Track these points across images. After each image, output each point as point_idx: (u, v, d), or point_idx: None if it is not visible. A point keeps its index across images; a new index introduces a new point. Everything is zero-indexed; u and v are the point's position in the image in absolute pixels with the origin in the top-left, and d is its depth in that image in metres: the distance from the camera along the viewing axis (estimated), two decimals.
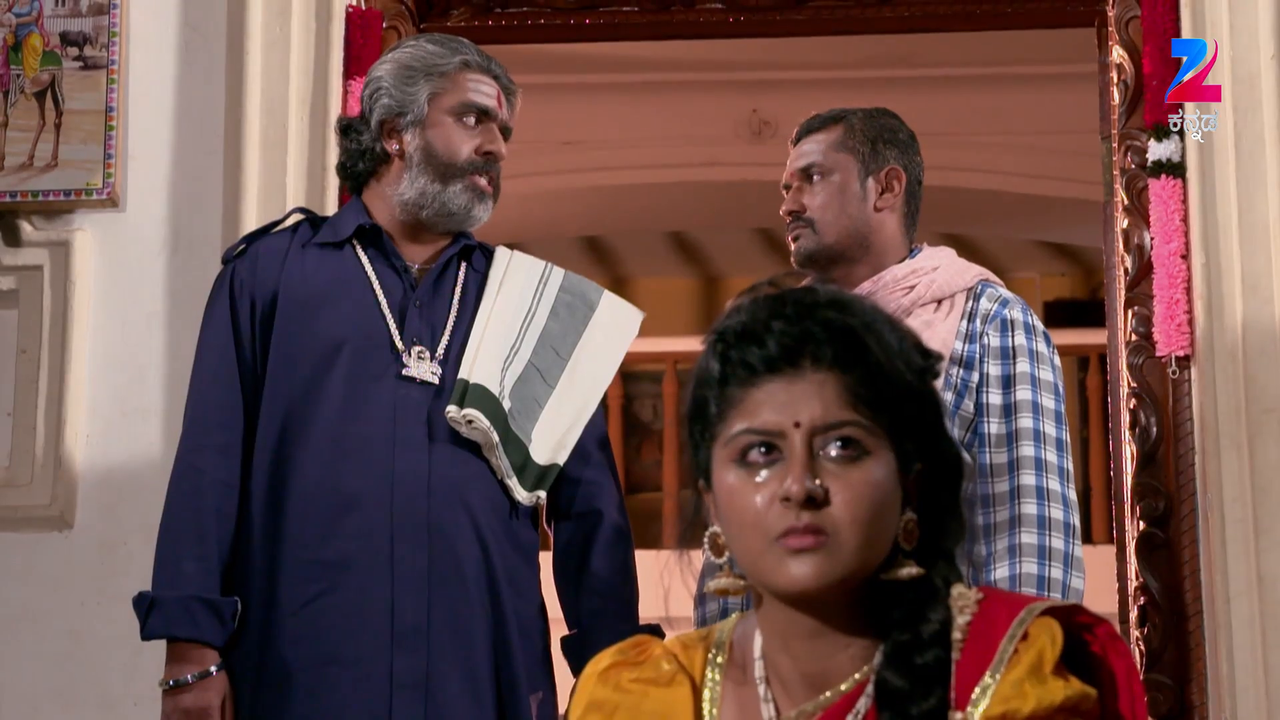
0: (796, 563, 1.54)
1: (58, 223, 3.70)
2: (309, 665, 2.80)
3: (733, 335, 1.60)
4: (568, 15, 3.94)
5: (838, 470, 1.55)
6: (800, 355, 1.57)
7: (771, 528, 1.55)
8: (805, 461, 1.55)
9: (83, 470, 3.61)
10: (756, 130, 7.58)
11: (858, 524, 1.54)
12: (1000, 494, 2.93)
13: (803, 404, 1.56)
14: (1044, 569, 2.88)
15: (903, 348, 1.61)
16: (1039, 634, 1.56)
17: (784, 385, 1.57)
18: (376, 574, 2.81)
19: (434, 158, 2.98)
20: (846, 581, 1.56)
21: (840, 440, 1.56)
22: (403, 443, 2.86)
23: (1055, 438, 2.96)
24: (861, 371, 1.57)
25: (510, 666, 2.85)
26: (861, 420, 1.56)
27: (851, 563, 1.55)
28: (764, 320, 1.59)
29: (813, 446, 1.56)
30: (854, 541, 1.54)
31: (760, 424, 1.56)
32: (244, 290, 2.95)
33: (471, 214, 3.01)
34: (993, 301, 3.06)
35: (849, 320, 1.59)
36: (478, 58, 3.04)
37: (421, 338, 2.94)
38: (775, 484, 1.55)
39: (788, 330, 1.58)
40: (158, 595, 2.82)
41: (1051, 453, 2.95)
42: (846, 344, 1.57)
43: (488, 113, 3.02)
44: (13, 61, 3.73)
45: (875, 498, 1.55)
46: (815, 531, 1.54)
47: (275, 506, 2.85)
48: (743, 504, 1.56)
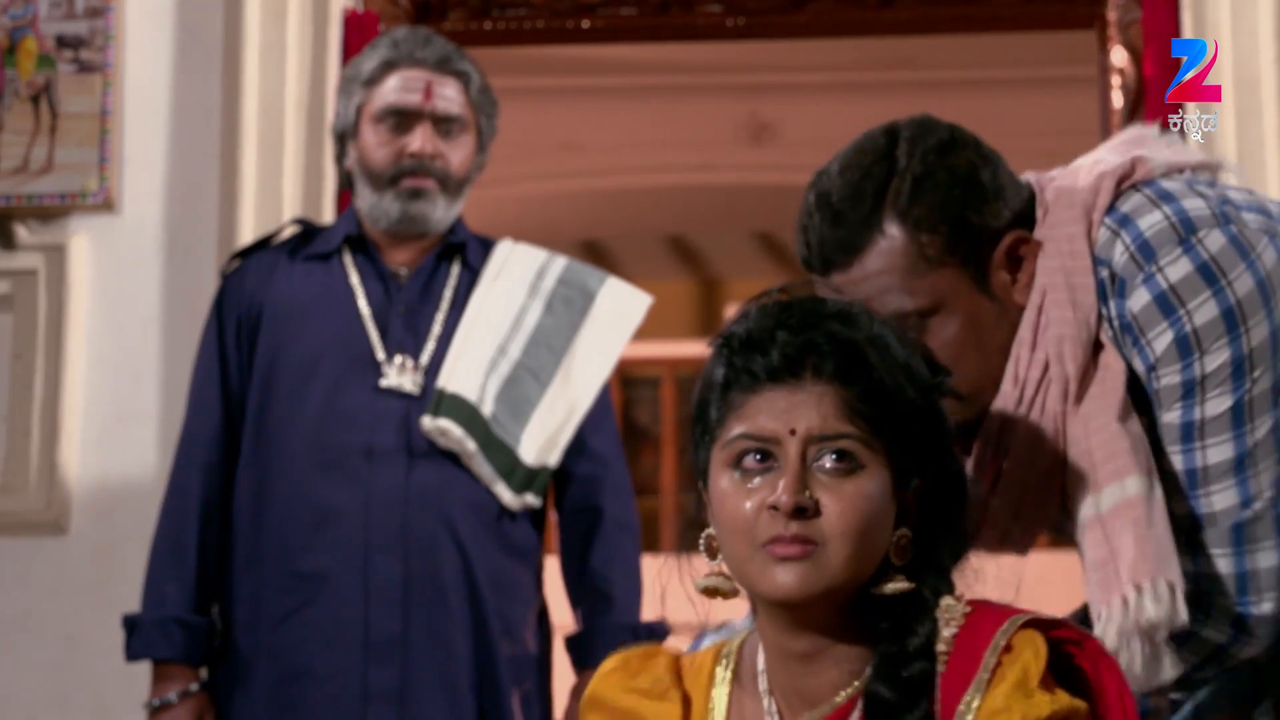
0: (782, 570, 1.55)
1: (53, 226, 3.68)
2: (284, 680, 2.85)
3: (738, 342, 1.61)
4: (565, 18, 3.93)
5: (831, 482, 1.56)
6: (802, 366, 1.58)
7: (759, 534, 1.56)
8: (798, 471, 1.55)
9: (78, 476, 3.60)
10: (755, 133, 7.57)
11: (847, 537, 1.55)
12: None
13: (801, 413, 1.57)
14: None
15: (909, 363, 1.61)
16: (1022, 646, 1.55)
17: (784, 394, 1.58)
18: (351, 587, 2.84)
19: (367, 169, 2.98)
20: (833, 593, 1.57)
21: (835, 452, 1.56)
22: (381, 455, 2.87)
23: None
24: (862, 386, 1.57)
25: (493, 670, 2.86)
26: (858, 434, 1.56)
27: (838, 575, 1.56)
28: (769, 329, 1.59)
29: (807, 457, 1.56)
30: (842, 554, 1.55)
31: (757, 430, 1.57)
32: (232, 308, 2.99)
33: (416, 218, 2.96)
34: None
35: (853, 334, 1.59)
36: (404, 50, 2.97)
37: (405, 346, 2.94)
38: (767, 491, 1.56)
39: (791, 340, 1.58)
40: (139, 617, 2.90)
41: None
42: (849, 358, 1.58)
43: (408, 111, 2.95)
44: (8, 64, 3.72)
45: (867, 511, 1.56)
46: (803, 541, 1.54)
47: (258, 522, 2.90)
48: (734, 508, 1.57)
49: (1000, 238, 1.87)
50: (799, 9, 3.92)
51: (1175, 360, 1.79)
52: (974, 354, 1.86)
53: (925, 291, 1.84)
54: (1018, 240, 1.88)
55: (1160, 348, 1.80)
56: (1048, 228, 1.89)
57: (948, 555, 1.63)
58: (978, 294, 1.86)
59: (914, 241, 1.84)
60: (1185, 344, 1.78)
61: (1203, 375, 1.78)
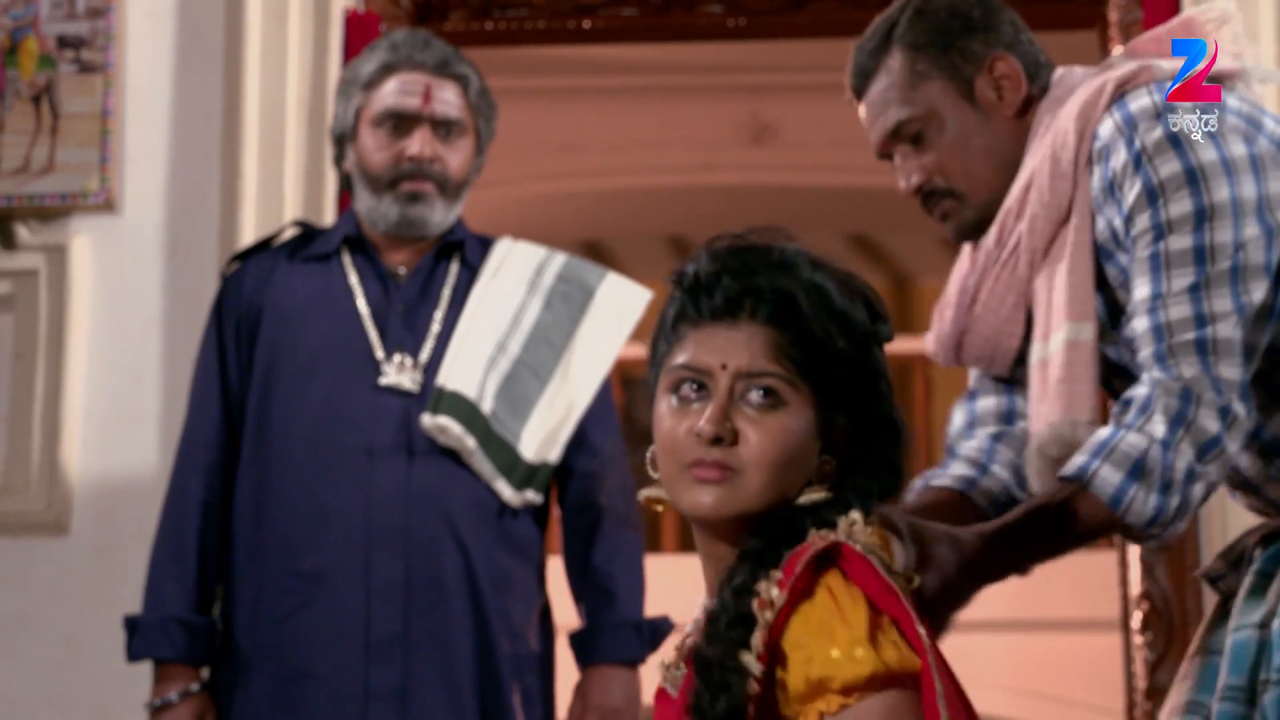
0: (701, 491, 1.71)
1: (54, 227, 3.68)
2: (286, 680, 2.85)
3: (687, 281, 1.78)
4: (566, 18, 3.93)
5: (755, 416, 1.71)
6: (740, 308, 1.74)
7: (685, 456, 1.72)
8: (723, 403, 1.71)
9: (79, 476, 3.60)
10: (756, 134, 7.57)
11: (762, 466, 1.70)
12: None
13: (733, 351, 1.73)
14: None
15: (845, 311, 1.75)
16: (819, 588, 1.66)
17: (721, 332, 1.74)
18: (352, 586, 2.84)
19: (366, 173, 2.98)
20: (749, 516, 1.71)
21: (761, 389, 1.72)
22: (381, 453, 2.88)
23: None
24: (794, 330, 1.72)
25: (495, 668, 2.87)
26: (783, 373, 1.72)
27: (752, 500, 1.71)
28: (714, 272, 1.76)
29: (735, 390, 1.72)
30: (758, 481, 1.70)
31: (693, 361, 1.74)
32: (231, 309, 3.00)
33: (415, 221, 2.97)
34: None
35: (790, 282, 1.74)
36: (403, 53, 2.98)
37: (404, 345, 2.94)
38: (695, 418, 1.72)
39: (732, 284, 1.74)
40: (140, 618, 2.91)
41: None
42: (784, 303, 1.73)
43: (406, 115, 2.96)
44: (9, 65, 3.72)
45: (786, 444, 1.71)
46: (722, 467, 1.71)
47: (258, 522, 2.90)
48: (667, 430, 1.75)
49: (983, 60, 2.24)
50: (800, 9, 3.92)
51: (1145, 207, 2.06)
52: (963, 154, 2.23)
53: (919, 101, 2.23)
54: (996, 60, 2.24)
55: (1131, 197, 2.07)
56: (1053, 116, 2.21)
57: (874, 485, 1.76)
58: (963, 103, 2.24)
59: (908, 60, 2.23)
60: (1152, 192, 2.05)
61: (1168, 219, 2.05)
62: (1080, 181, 2.15)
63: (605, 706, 2.92)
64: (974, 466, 2.28)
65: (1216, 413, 1.99)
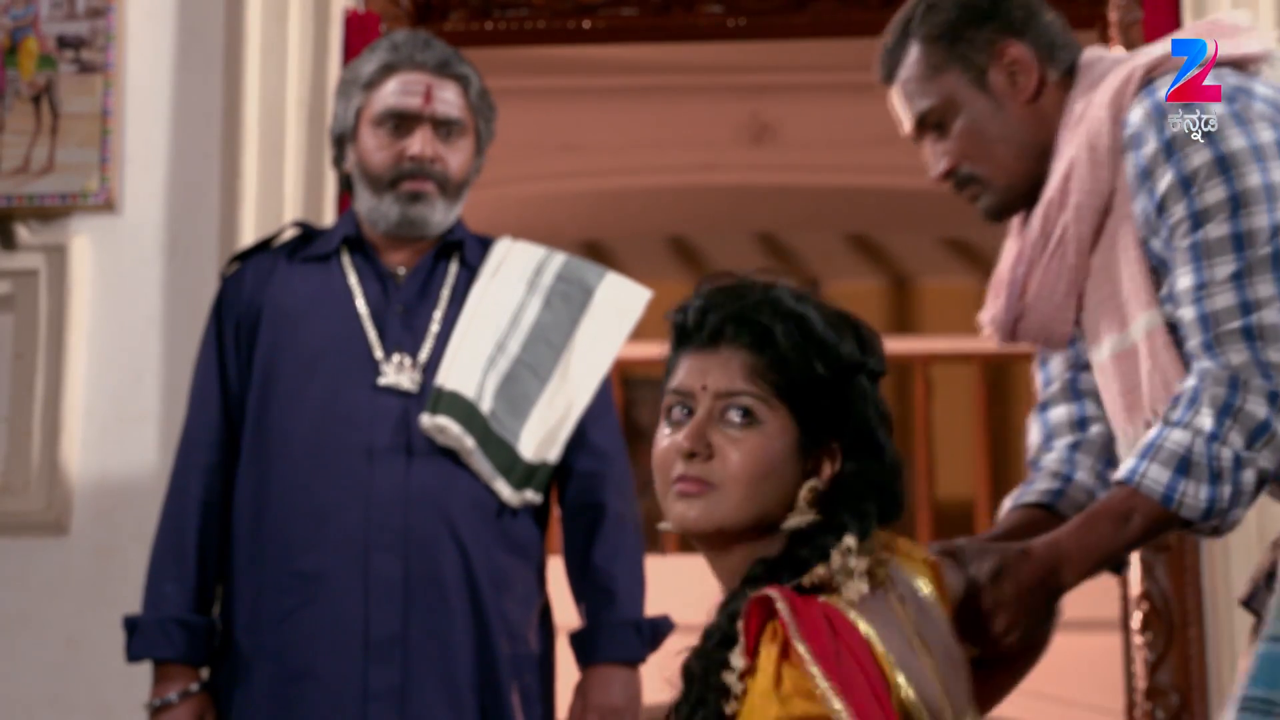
0: (683, 504, 1.85)
1: (54, 227, 3.68)
2: (285, 680, 2.85)
3: (681, 318, 1.92)
4: (566, 18, 3.93)
5: (734, 434, 1.85)
6: (720, 336, 1.88)
7: (669, 472, 1.87)
8: (702, 421, 1.86)
9: (79, 476, 3.60)
10: (756, 134, 7.57)
11: (739, 481, 1.83)
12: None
13: (712, 373, 1.87)
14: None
15: (827, 341, 1.87)
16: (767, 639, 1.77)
17: (703, 358, 1.89)
18: (350, 586, 2.84)
19: (366, 173, 2.98)
20: (734, 529, 1.85)
21: (740, 409, 1.85)
22: (380, 453, 2.88)
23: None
24: (770, 355, 1.86)
25: (494, 668, 2.87)
26: (758, 393, 1.85)
27: (731, 514, 1.84)
28: (700, 309, 1.90)
29: (715, 410, 1.86)
30: (735, 495, 1.84)
31: (679, 385, 1.89)
32: (230, 310, 3.00)
33: (416, 221, 2.98)
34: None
35: (769, 312, 1.87)
36: (403, 53, 2.98)
37: (403, 345, 2.94)
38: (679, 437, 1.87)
39: (715, 320, 1.88)
40: (140, 618, 2.90)
41: None
42: (760, 331, 1.86)
43: (407, 115, 2.96)
44: (9, 65, 3.72)
45: (762, 460, 1.84)
46: (700, 481, 1.84)
47: (257, 522, 2.90)
48: (656, 451, 1.88)
49: (993, 48, 2.30)
50: (800, 9, 3.92)
51: (1180, 197, 2.11)
52: (981, 141, 2.30)
53: (936, 92, 2.31)
54: (1007, 47, 2.30)
55: (1164, 185, 2.12)
56: (1086, 103, 2.25)
57: (871, 507, 1.87)
58: (978, 92, 2.31)
59: (924, 53, 2.32)
60: (1185, 181, 2.10)
61: (1204, 207, 2.09)
62: (1118, 168, 2.20)
63: (605, 706, 2.92)
64: (1058, 479, 2.32)
65: (1265, 398, 2.02)
